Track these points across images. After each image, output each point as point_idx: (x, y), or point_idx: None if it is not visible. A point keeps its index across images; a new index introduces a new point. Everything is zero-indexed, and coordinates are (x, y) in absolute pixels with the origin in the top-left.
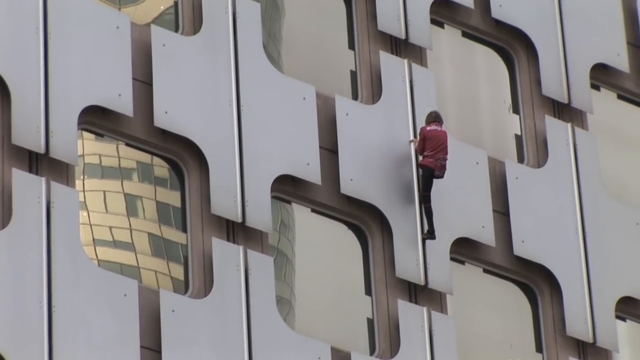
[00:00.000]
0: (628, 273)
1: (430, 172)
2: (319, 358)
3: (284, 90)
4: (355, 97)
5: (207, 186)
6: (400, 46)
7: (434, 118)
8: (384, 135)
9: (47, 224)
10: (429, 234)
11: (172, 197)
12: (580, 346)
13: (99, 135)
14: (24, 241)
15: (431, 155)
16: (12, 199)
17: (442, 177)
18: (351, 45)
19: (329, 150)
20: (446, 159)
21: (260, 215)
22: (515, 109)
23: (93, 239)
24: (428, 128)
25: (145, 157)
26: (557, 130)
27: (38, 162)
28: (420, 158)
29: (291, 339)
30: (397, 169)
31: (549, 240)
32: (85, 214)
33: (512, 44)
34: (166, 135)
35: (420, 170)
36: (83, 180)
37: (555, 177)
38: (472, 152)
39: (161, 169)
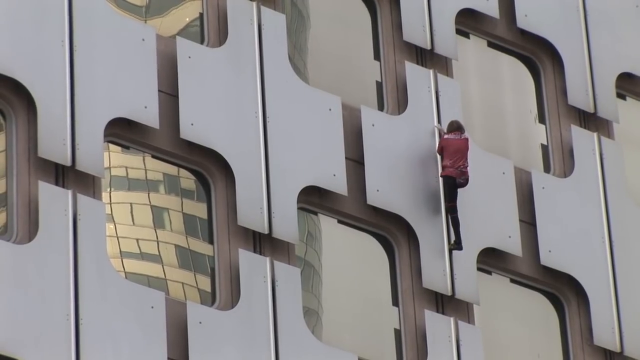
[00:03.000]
0: None
1: (452, 182)
2: None
3: (310, 102)
4: (381, 107)
5: (233, 198)
6: (426, 56)
7: (456, 128)
8: (410, 145)
9: (73, 236)
10: (456, 245)
11: (199, 209)
12: (607, 356)
13: (125, 147)
14: (50, 254)
15: (450, 165)
16: (38, 212)
17: (465, 184)
18: (377, 56)
19: (355, 161)
20: (466, 166)
21: (287, 226)
22: (541, 119)
23: (120, 251)
24: (446, 136)
25: (171, 169)
26: (583, 139)
27: (64, 174)
28: (440, 170)
29: (318, 350)
30: (424, 179)
31: (575, 249)
32: (111, 226)
33: (537, 54)
34: (192, 147)
35: (442, 180)
36: (110, 193)
37: (582, 187)
38: (498, 162)
39: (187, 180)
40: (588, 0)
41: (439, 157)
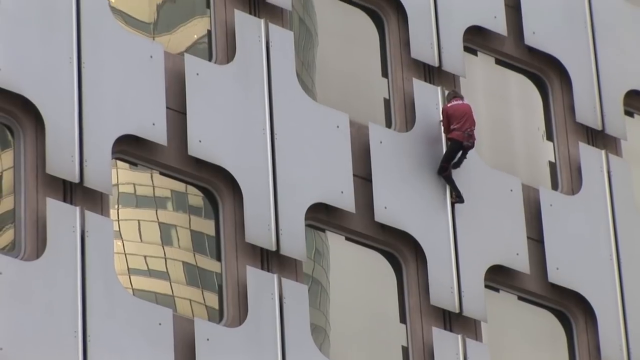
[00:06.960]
0: None
1: (457, 145)
2: None
3: (318, 119)
4: (388, 124)
5: (241, 215)
6: (434, 74)
7: (454, 96)
8: (418, 163)
9: (81, 253)
10: (458, 198)
11: (207, 226)
12: None
13: (133, 164)
14: (58, 270)
15: (458, 128)
16: (46, 229)
17: (472, 147)
18: (384, 73)
19: (363, 178)
20: (473, 129)
21: (295, 243)
22: (549, 136)
23: (128, 268)
24: (449, 105)
25: (179, 186)
26: (591, 157)
27: (72, 191)
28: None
29: None
30: (431, 196)
31: (583, 267)
32: (119, 243)
33: (545, 71)
34: (200, 164)
35: (449, 143)
36: (117, 210)
37: (590, 204)
38: (506, 180)
39: (195, 197)
40: (596, 18)
41: (442, 127)
